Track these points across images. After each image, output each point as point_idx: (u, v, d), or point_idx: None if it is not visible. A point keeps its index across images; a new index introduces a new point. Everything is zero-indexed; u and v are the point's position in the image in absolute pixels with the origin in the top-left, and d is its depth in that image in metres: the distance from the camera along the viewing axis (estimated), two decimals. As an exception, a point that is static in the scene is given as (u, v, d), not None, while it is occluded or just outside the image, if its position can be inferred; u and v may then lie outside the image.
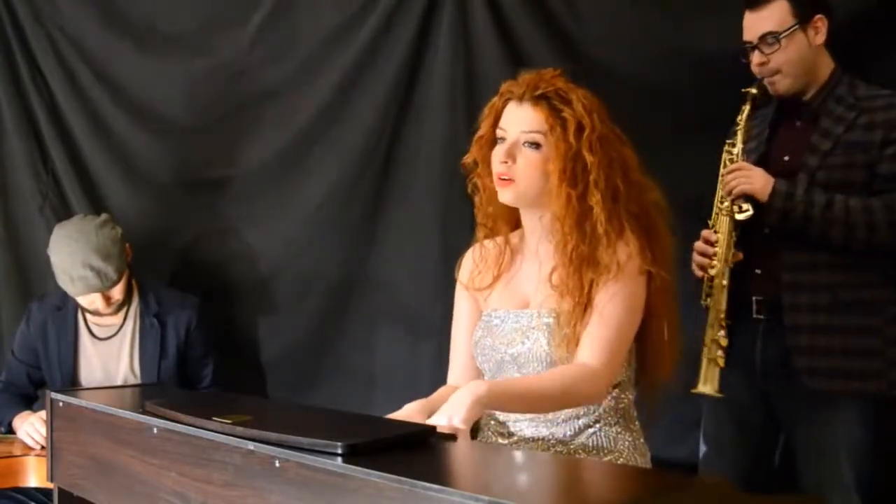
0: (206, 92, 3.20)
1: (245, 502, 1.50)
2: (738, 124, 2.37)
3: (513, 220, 2.02)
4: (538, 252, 1.95)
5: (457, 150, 2.89)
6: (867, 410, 2.27)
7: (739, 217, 2.31)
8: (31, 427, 2.71)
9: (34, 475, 2.68)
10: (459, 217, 2.64)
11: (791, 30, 2.30)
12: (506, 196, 1.90)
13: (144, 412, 1.80)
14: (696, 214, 2.71)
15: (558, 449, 1.88)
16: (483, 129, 1.96)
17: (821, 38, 2.33)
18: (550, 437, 1.89)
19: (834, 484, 2.28)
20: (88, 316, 2.90)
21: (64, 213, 3.24)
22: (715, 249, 2.33)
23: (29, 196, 3.28)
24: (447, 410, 1.66)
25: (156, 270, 3.13)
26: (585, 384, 1.80)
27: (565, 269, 1.86)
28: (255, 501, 1.48)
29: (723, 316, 2.30)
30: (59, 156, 3.26)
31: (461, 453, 1.52)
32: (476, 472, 1.47)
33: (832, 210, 2.23)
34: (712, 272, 2.32)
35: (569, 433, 1.89)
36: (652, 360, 1.94)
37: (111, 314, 2.87)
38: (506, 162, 1.87)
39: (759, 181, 2.28)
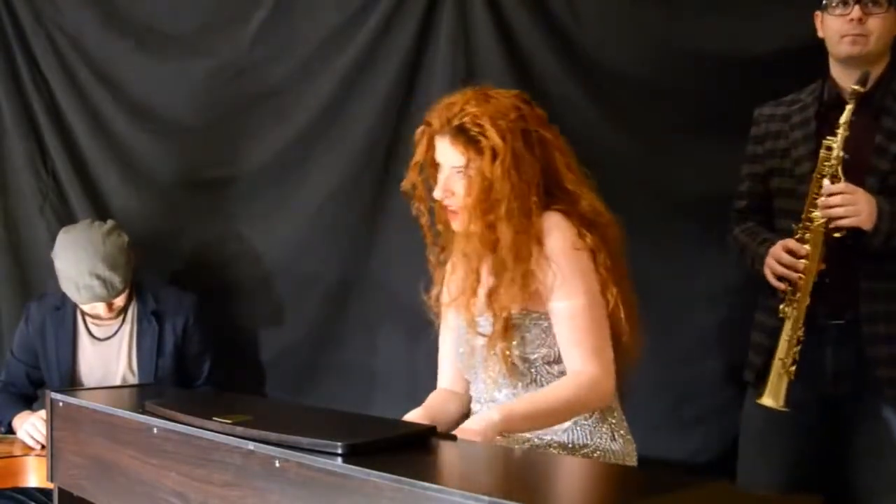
0: (206, 92, 3.20)
1: (245, 502, 1.51)
2: (841, 125, 2.17)
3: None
4: None
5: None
6: None
7: (836, 235, 2.18)
8: (31, 427, 2.71)
9: (34, 475, 2.67)
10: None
11: (894, 3, 2.22)
12: (457, 226, 1.96)
13: (144, 412, 1.81)
14: (696, 214, 2.72)
15: (534, 443, 1.89)
16: (418, 156, 2.00)
17: None
18: (525, 435, 1.90)
19: (888, 489, 2.26)
20: (87, 317, 2.90)
21: (64, 213, 3.24)
22: (804, 262, 2.19)
23: (29, 196, 3.28)
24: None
25: (156, 270, 3.13)
26: (589, 390, 1.83)
27: (470, 293, 1.91)
28: (255, 501, 1.48)
29: (801, 332, 2.20)
30: (59, 156, 3.26)
31: (461, 453, 1.52)
32: (476, 472, 1.47)
33: None
34: (799, 286, 2.19)
35: (542, 431, 1.89)
36: (614, 330, 1.94)
37: (111, 318, 2.88)
38: (446, 196, 1.93)
39: (864, 210, 2.14)
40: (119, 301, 2.82)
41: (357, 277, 3.12)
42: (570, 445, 1.88)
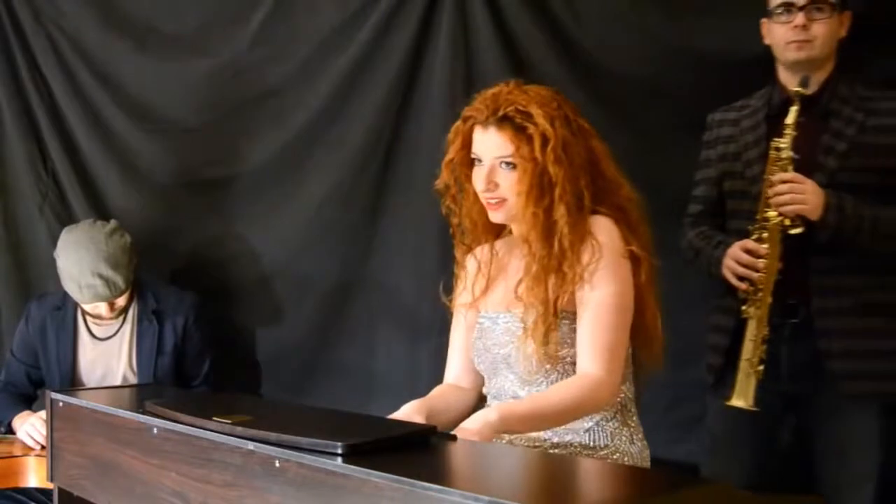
0: (207, 92, 3.20)
1: (245, 502, 1.51)
2: (787, 126, 2.25)
3: (494, 231, 2.06)
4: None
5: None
6: (887, 410, 2.30)
7: (793, 232, 2.22)
8: (31, 427, 2.71)
9: (34, 475, 2.67)
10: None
11: (837, 7, 2.29)
12: (498, 217, 1.95)
13: (144, 412, 1.81)
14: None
15: (555, 442, 1.88)
16: (452, 153, 1.99)
17: (843, 31, 2.34)
18: (547, 434, 1.90)
19: (853, 482, 2.30)
20: (88, 316, 2.90)
21: (64, 212, 3.25)
22: (764, 261, 2.24)
23: (29, 196, 3.28)
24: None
25: (156, 270, 3.13)
26: (591, 395, 1.82)
27: (531, 281, 1.89)
28: (255, 501, 1.48)
29: (766, 331, 2.24)
30: (59, 156, 3.26)
31: (461, 453, 1.52)
32: (476, 472, 1.47)
33: (878, 223, 2.24)
34: (759, 286, 2.24)
35: (565, 432, 1.89)
36: (641, 346, 1.95)
37: (112, 318, 2.88)
38: (489, 189, 1.91)
39: (812, 199, 2.20)
40: (121, 301, 2.83)
41: (356, 277, 3.13)
42: (591, 446, 1.88)
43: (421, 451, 1.46)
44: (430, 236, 2.95)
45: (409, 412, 1.85)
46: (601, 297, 1.85)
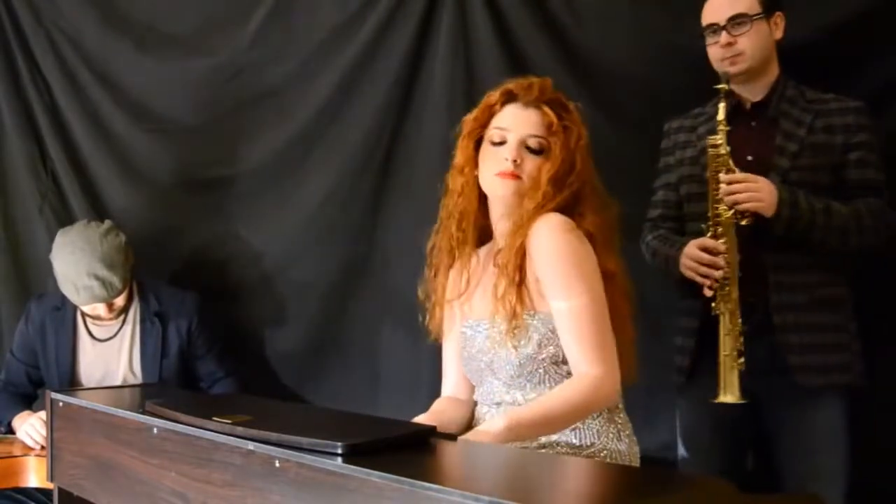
0: (206, 92, 3.20)
1: (245, 502, 1.51)
2: (719, 123, 2.33)
3: (477, 229, 2.06)
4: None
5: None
6: (843, 402, 2.36)
7: (743, 223, 2.30)
8: (30, 427, 2.71)
9: (34, 475, 2.68)
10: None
11: (759, 16, 2.37)
12: (509, 189, 1.94)
13: (144, 412, 1.81)
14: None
15: (542, 442, 1.88)
16: (471, 127, 2.01)
17: (779, 34, 2.42)
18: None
19: (816, 476, 2.34)
20: (87, 318, 2.90)
21: (64, 213, 3.24)
22: (723, 259, 2.29)
23: (29, 196, 3.28)
24: None
25: (156, 270, 3.13)
26: (594, 393, 1.82)
27: (504, 286, 1.91)
28: (255, 501, 1.48)
29: (739, 322, 2.29)
30: (59, 156, 3.26)
31: (461, 453, 1.52)
32: (476, 472, 1.47)
33: (830, 215, 2.30)
34: (725, 281, 2.29)
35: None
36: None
37: (112, 319, 2.87)
38: (516, 161, 1.92)
39: (767, 197, 2.26)
40: (119, 301, 2.82)
41: (357, 277, 3.13)
42: (578, 445, 1.88)
43: (421, 451, 1.46)
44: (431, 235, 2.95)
45: None
46: (578, 301, 1.84)
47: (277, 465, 1.43)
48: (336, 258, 3.13)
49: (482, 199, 2.02)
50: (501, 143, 1.95)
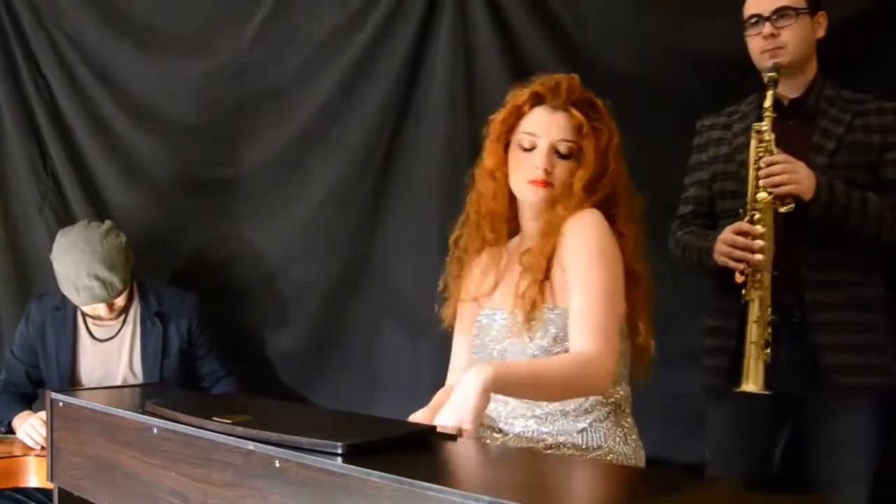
0: (207, 92, 3.20)
1: (245, 502, 1.51)
2: (765, 110, 2.28)
3: (501, 228, 2.05)
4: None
5: (457, 149, 2.90)
6: (875, 404, 2.32)
7: (783, 210, 2.25)
8: (30, 427, 2.71)
9: (34, 475, 2.68)
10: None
11: (804, 11, 2.34)
12: (540, 195, 1.94)
13: (144, 412, 1.81)
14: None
15: (549, 443, 1.88)
16: (500, 130, 1.99)
17: (821, 32, 2.39)
18: (540, 434, 1.89)
19: (847, 478, 2.30)
20: (88, 318, 2.90)
21: (64, 212, 3.25)
22: (760, 243, 2.24)
23: (29, 196, 3.28)
24: (456, 407, 1.66)
25: (156, 270, 3.13)
26: (586, 370, 1.80)
27: (529, 281, 1.90)
28: (255, 501, 1.48)
29: (770, 311, 2.25)
30: (59, 156, 3.26)
31: (461, 453, 1.52)
32: (476, 472, 1.47)
33: (867, 205, 2.27)
34: (760, 266, 2.24)
35: (558, 432, 1.89)
36: (632, 362, 1.96)
37: (112, 319, 2.87)
38: (547, 169, 1.92)
39: (805, 179, 2.23)
40: (119, 301, 2.82)
41: (357, 277, 3.13)
42: (584, 447, 1.87)
43: (421, 451, 1.46)
44: (431, 235, 2.96)
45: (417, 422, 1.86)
46: (592, 282, 1.84)
47: (277, 465, 1.43)
48: (336, 258, 3.14)
49: (511, 197, 2.02)
50: (531, 148, 1.94)
